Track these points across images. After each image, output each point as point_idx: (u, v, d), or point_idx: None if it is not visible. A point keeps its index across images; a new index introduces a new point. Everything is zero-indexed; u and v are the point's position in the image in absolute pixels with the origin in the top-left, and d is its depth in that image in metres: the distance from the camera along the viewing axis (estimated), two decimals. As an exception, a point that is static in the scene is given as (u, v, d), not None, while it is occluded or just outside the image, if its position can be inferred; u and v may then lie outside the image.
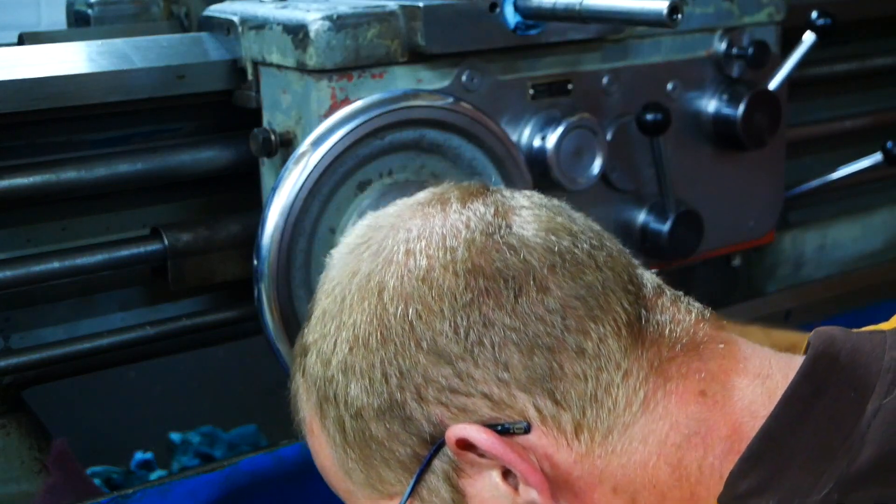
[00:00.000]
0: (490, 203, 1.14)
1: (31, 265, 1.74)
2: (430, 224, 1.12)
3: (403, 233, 1.13)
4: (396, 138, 1.65)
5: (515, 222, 1.12)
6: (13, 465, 1.84)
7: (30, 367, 1.78)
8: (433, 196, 1.17)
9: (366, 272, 1.12)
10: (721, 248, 2.15)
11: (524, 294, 1.07)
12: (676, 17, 1.53)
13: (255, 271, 1.59)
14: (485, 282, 1.07)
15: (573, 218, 1.17)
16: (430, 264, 1.09)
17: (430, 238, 1.11)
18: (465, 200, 1.15)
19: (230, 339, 2.01)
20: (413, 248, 1.11)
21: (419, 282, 1.09)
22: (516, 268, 1.08)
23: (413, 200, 1.19)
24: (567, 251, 1.10)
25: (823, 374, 1.06)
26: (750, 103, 2.00)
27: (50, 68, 1.70)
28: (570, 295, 1.08)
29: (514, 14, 1.73)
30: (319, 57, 1.63)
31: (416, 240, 1.11)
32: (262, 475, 1.70)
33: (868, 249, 2.88)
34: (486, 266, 1.08)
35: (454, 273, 1.08)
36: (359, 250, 1.15)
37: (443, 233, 1.11)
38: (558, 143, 1.79)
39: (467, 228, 1.11)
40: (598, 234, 1.17)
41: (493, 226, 1.11)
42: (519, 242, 1.10)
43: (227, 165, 1.87)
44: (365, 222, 1.20)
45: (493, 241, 1.10)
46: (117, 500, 1.62)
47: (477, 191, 1.17)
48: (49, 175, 1.74)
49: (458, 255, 1.09)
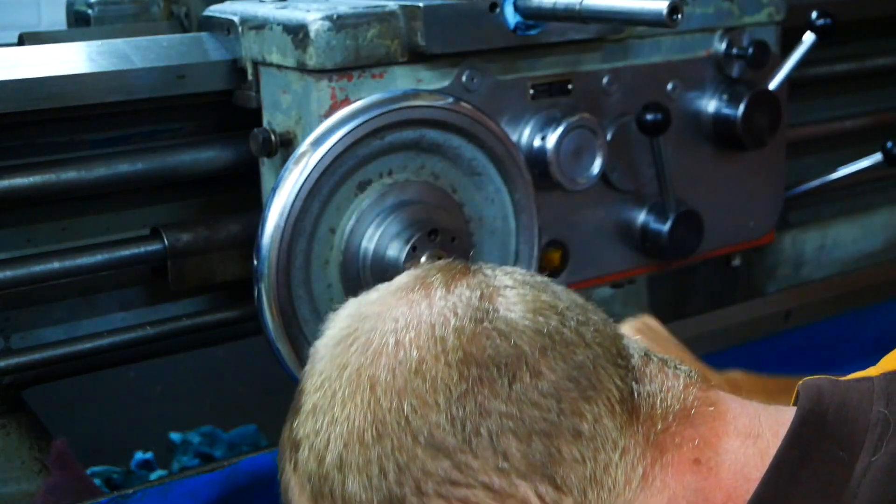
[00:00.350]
0: (475, 286, 1.13)
1: (31, 265, 1.74)
2: (416, 312, 1.11)
3: (390, 323, 1.11)
4: (396, 138, 1.65)
5: (502, 304, 1.12)
6: (13, 465, 1.84)
7: (30, 367, 1.78)
8: (416, 280, 1.15)
9: (355, 366, 1.10)
10: (721, 248, 2.15)
11: (518, 380, 1.07)
12: (676, 17, 1.53)
13: (255, 271, 1.59)
14: (478, 370, 1.07)
15: (557, 294, 1.17)
16: (421, 356, 1.08)
17: (418, 328, 1.09)
18: (448, 284, 1.13)
19: (230, 339, 2.01)
20: (402, 339, 1.09)
21: (412, 374, 1.07)
22: (508, 354, 1.08)
23: (395, 286, 1.17)
24: (556, 331, 1.10)
25: (811, 435, 1.07)
26: (750, 103, 2.00)
27: (50, 68, 1.70)
28: (562, 377, 1.08)
29: (514, 14, 1.73)
30: (319, 57, 1.63)
31: (404, 330, 1.10)
32: (262, 475, 1.70)
33: (868, 249, 2.88)
34: (478, 354, 1.07)
35: (447, 364, 1.07)
36: (345, 343, 1.13)
37: (431, 322, 1.10)
38: (558, 143, 1.79)
39: (455, 316, 1.10)
40: (582, 307, 1.17)
41: (480, 311, 1.10)
42: (508, 327, 1.09)
43: (227, 165, 1.87)
44: (347, 311, 1.18)
45: (483, 327, 1.09)
46: (117, 500, 1.62)
47: (459, 272, 1.16)
48: (49, 175, 1.74)
49: (448, 345, 1.08)
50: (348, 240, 1.66)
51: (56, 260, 1.75)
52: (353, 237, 1.66)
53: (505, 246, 1.80)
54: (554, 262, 1.92)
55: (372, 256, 1.65)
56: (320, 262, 1.65)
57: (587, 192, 1.87)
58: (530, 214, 1.78)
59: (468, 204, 1.76)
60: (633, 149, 1.94)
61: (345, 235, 1.66)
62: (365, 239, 1.66)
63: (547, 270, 1.91)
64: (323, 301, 1.66)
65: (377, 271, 1.65)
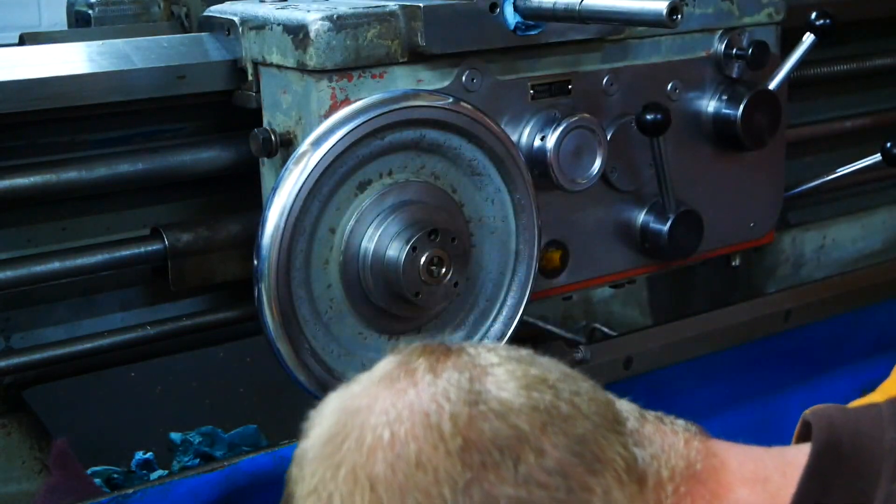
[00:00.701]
0: (462, 367, 1.10)
1: (31, 265, 1.74)
2: (406, 401, 1.07)
3: (381, 416, 1.06)
4: (396, 138, 1.65)
5: (493, 384, 1.08)
6: (14, 464, 1.85)
7: (30, 367, 1.79)
8: (399, 367, 1.11)
9: (351, 465, 1.05)
10: (721, 248, 2.15)
11: (523, 461, 1.04)
12: (676, 17, 1.53)
13: (255, 271, 1.60)
14: (480, 456, 1.03)
15: (544, 365, 1.14)
16: (419, 447, 1.04)
17: (412, 418, 1.05)
18: (434, 368, 1.10)
19: (230, 339, 2.01)
20: (397, 431, 1.05)
21: (413, 468, 1.03)
22: (508, 435, 1.05)
23: (378, 375, 1.12)
24: (552, 406, 1.08)
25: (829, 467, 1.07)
26: (750, 103, 2.00)
27: (51, 68, 1.70)
28: (566, 452, 1.05)
29: (514, 14, 1.73)
30: (320, 57, 1.63)
31: (398, 422, 1.05)
32: (262, 475, 1.70)
33: (868, 249, 2.88)
34: (478, 439, 1.04)
35: (447, 453, 1.03)
36: (336, 441, 1.08)
37: (424, 410, 1.06)
38: (558, 143, 1.79)
39: (448, 401, 1.06)
40: (571, 376, 1.15)
41: (472, 393, 1.07)
42: (504, 407, 1.06)
43: (227, 165, 1.87)
44: (331, 407, 1.13)
45: (479, 410, 1.05)
46: (117, 499, 1.62)
47: (442, 353, 1.12)
48: (49, 175, 1.74)
49: (446, 433, 1.04)
50: (348, 240, 1.66)
51: (56, 260, 1.76)
52: (353, 237, 1.66)
53: (505, 246, 1.80)
54: (554, 262, 1.92)
55: (372, 256, 1.65)
56: (320, 262, 1.65)
57: (587, 192, 1.87)
58: (530, 214, 1.78)
59: (468, 204, 1.76)
60: (633, 149, 1.94)
61: (345, 235, 1.66)
62: (365, 239, 1.66)
63: (547, 270, 1.91)
64: (323, 301, 1.66)
65: (377, 271, 1.65)
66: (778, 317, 2.33)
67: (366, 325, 1.71)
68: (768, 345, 2.35)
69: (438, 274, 1.66)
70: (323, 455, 1.08)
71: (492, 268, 1.80)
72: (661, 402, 2.35)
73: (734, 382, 2.37)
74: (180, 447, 2.23)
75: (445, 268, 1.66)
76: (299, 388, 1.67)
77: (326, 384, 1.66)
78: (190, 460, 2.21)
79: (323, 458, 1.08)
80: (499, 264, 1.80)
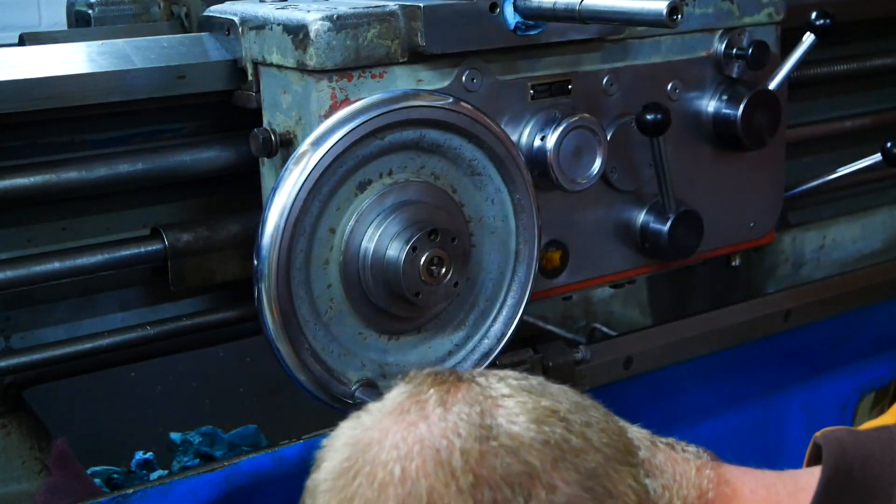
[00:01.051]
0: (472, 400, 1.10)
1: (31, 265, 1.74)
2: (417, 436, 1.07)
3: (392, 451, 1.07)
4: (396, 138, 1.65)
5: (503, 417, 1.09)
6: (14, 464, 1.85)
7: (30, 367, 1.79)
8: (409, 399, 1.12)
9: (363, 501, 1.06)
10: (721, 248, 2.15)
11: (534, 497, 1.04)
12: (676, 17, 1.53)
13: (255, 271, 1.60)
14: (491, 493, 1.04)
15: (555, 396, 1.14)
16: (430, 484, 1.04)
17: (422, 454, 1.06)
18: (445, 401, 1.10)
19: (230, 339, 2.01)
20: (408, 467, 1.05)
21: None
22: (519, 472, 1.05)
23: (389, 407, 1.12)
24: (563, 440, 1.08)
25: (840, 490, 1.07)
26: (750, 103, 2.00)
27: (50, 68, 1.70)
28: (577, 488, 1.06)
29: (514, 14, 1.73)
30: (319, 57, 1.63)
31: (408, 458, 1.06)
32: (262, 475, 1.70)
33: (868, 249, 2.88)
34: (489, 476, 1.04)
35: (458, 490, 1.04)
36: (347, 476, 1.09)
37: (434, 446, 1.06)
38: (558, 143, 1.79)
39: (458, 437, 1.06)
40: (582, 406, 1.14)
41: (483, 428, 1.07)
42: (515, 442, 1.07)
43: (227, 165, 1.87)
44: (342, 440, 1.13)
45: (490, 447, 1.06)
46: (117, 499, 1.62)
47: (452, 385, 1.12)
48: (49, 175, 1.74)
49: (457, 470, 1.05)
50: (348, 240, 1.66)
51: (56, 260, 1.76)
52: (353, 237, 1.66)
53: (505, 246, 1.80)
54: (554, 262, 1.92)
55: (372, 256, 1.65)
56: (320, 262, 1.65)
57: (587, 192, 1.87)
58: (530, 214, 1.78)
59: (468, 204, 1.76)
60: (633, 149, 1.94)
61: (345, 235, 1.66)
62: (365, 239, 1.66)
63: (547, 270, 1.91)
64: (323, 301, 1.66)
65: (377, 271, 1.65)
66: (778, 317, 2.33)
67: (366, 325, 1.71)
68: (768, 345, 2.35)
69: (438, 274, 1.66)
70: (335, 489, 1.09)
71: (492, 268, 1.80)
72: (661, 402, 2.36)
73: (734, 382, 2.37)
74: (180, 447, 2.23)
75: (445, 268, 1.66)
76: (299, 388, 1.67)
77: (326, 384, 1.67)
78: (190, 460, 2.21)
79: (335, 491, 1.09)
80: (499, 264, 1.80)
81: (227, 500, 1.69)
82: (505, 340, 1.81)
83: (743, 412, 2.40)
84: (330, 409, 1.69)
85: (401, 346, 1.75)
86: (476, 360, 1.79)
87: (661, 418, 1.26)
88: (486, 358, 1.80)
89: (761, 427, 2.41)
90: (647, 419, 1.22)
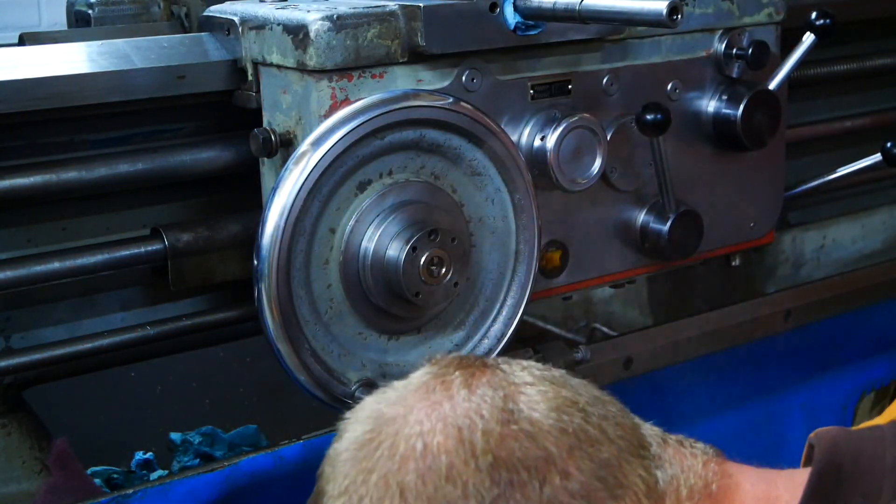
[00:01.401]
0: (496, 385, 1.14)
1: (31, 265, 1.74)
2: (440, 414, 1.11)
3: (415, 426, 1.11)
4: (396, 138, 1.65)
5: (525, 403, 1.13)
6: (14, 464, 1.85)
7: (30, 367, 1.79)
8: (435, 378, 1.16)
9: (383, 472, 1.10)
10: (721, 248, 2.15)
11: (548, 482, 1.08)
12: (676, 17, 1.53)
13: (255, 271, 1.60)
14: (508, 474, 1.08)
15: (576, 388, 1.19)
16: (450, 461, 1.08)
17: (445, 431, 1.10)
18: (470, 384, 1.14)
19: (230, 339, 2.01)
20: (430, 442, 1.09)
21: (443, 481, 1.08)
22: (537, 456, 1.09)
23: (415, 385, 1.17)
24: (580, 429, 1.12)
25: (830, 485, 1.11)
26: (750, 103, 2.00)
27: (50, 68, 1.70)
28: (590, 476, 1.10)
29: (514, 14, 1.73)
30: (319, 57, 1.63)
31: (431, 434, 1.10)
32: (262, 475, 1.70)
33: (868, 249, 2.88)
34: (508, 458, 1.08)
35: (477, 468, 1.08)
36: (370, 446, 1.13)
37: (457, 424, 1.10)
38: (558, 143, 1.79)
39: (481, 418, 1.11)
40: (601, 400, 1.19)
41: (506, 412, 1.11)
42: (534, 428, 1.11)
43: (227, 165, 1.87)
44: (366, 412, 1.18)
45: (510, 430, 1.10)
46: (117, 499, 1.62)
47: (478, 368, 1.16)
48: (49, 175, 1.74)
49: (478, 449, 1.09)
50: (348, 240, 1.66)
51: (56, 260, 1.76)
52: (353, 237, 1.66)
53: (505, 246, 1.80)
54: (554, 262, 1.92)
55: (372, 256, 1.65)
56: (320, 262, 1.65)
57: (587, 192, 1.87)
58: (530, 214, 1.78)
59: (468, 204, 1.76)
60: (633, 149, 1.94)
61: (345, 235, 1.66)
62: (365, 239, 1.66)
63: (547, 270, 1.91)
64: (323, 301, 1.66)
65: (377, 271, 1.65)
66: (778, 317, 2.33)
67: (366, 325, 1.71)
68: (768, 345, 2.35)
69: (438, 274, 1.66)
70: (356, 458, 1.13)
71: (492, 268, 1.80)
72: (661, 402, 2.36)
73: (734, 382, 2.37)
74: (180, 447, 2.23)
75: (445, 268, 1.66)
76: (299, 388, 1.67)
77: (326, 384, 1.67)
78: (190, 460, 2.21)
79: (356, 461, 1.13)
80: (499, 264, 1.80)
81: (227, 500, 1.69)
82: (505, 340, 1.81)
83: (743, 412, 2.40)
84: (330, 409, 1.69)
85: (401, 346, 1.75)
86: (476, 360, 1.79)
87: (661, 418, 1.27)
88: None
89: (761, 427, 2.42)
90: (646, 419, 1.24)
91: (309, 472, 1.26)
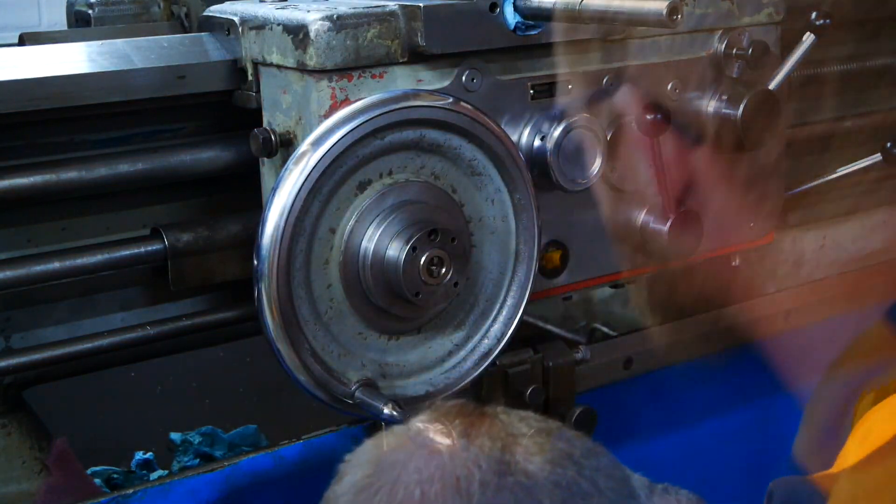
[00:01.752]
0: (495, 436, 1.17)
1: (31, 265, 1.74)
2: (439, 462, 1.14)
3: (414, 474, 1.14)
4: (396, 138, 1.65)
5: (521, 455, 1.16)
6: (14, 464, 1.85)
7: (30, 366, 1.79)
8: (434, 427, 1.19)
9: None
10: (721, 248, 2.15)
11: None
12: (676, 17, 1.53)
13: (255, 271, 1.60)
14: None
15: (570, 440, 1.22)
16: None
17: (443, 480, 1.13)
18: (469, 433, 1.17)
19: (230, 339, 2.01)
20: (427, 491, 1.12)
21: None
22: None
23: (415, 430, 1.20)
24: (573, 482, 1.16)
25: None
26: (750, 103, 2.00)
27: (50, 68, 1.70)
28: None
29: (514, 14, 1.73)
30: (319, 57, 1.63)
31: (429, 482, 1.13)
32: (262, 475, 1.70)
33: (868, 249, 2.88)
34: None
35: None
36: (368, 492, 1.15)
37: (455, 474, 1.13)
38: (558, 143, 1.79)
39: (479, 468, 1.13)
40: (593, 452, 1.22)
41: (502, 464, 1.14)
42: (530, 480, 1.14)
43: (227, 165, 1.87)
44: (366, 457, 1.21)
45: (506, 482, 1.13)
46: (117, 499, 1.63)
47: (478, 418, 1.20)
48: (49, 175, 1.74)
49: (474, 500, 1.11)
50: (348, 240, 1.66)
51: (56, 260, 1.76)
52: (353, 237, 1.66)
53: (505, 246, 1.80)
54: (554, 262, 1.92)
55: (372, 256, 1.65)
56: (320, 262, 1.65)
57: (587, 192, 1.87)
58: (530, 214, 1.78)
59: (468, 204, 1.76)
60: (633, 149, 1.94)
61: (345, 235, 1.66)
62: (365, 239, 1.66)
63: (547, 270, 1.91)
64: (323, 301, 1.66)
65: (377, 271, 1.65)
66: (778, 317, 2.33)
67: (366, 325, 1.71)
68: (768, 345, 2.35)
69: (438, 274, 1.66)
70: (355, 503, 1.16)
71: (492, 268, 1.80)
72: (661, 402, 2.36)
73: (734, 382, 2.37)
74: (180, 447, 2.24)
75: (445, 268, 1.66)
76: (299, 388, 1.67)
77: (326, 384, 1.67)
78: (190, 460, 2.21)
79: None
80: (499, 264, 1.80)
81: (227, 500, 1.69)
82: (505, 340, 1.81)
83: (743, 412, 2.40)
84: (330, 409, 1.69)
85: (401, 346, 1.75)
86: (476, 360, 1.79)
87: (661, 418, 1.28)
88: (486, 358, 1.80)
89: (761, 427, 2.41)
90: (646, 419, 1.25)
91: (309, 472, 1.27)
